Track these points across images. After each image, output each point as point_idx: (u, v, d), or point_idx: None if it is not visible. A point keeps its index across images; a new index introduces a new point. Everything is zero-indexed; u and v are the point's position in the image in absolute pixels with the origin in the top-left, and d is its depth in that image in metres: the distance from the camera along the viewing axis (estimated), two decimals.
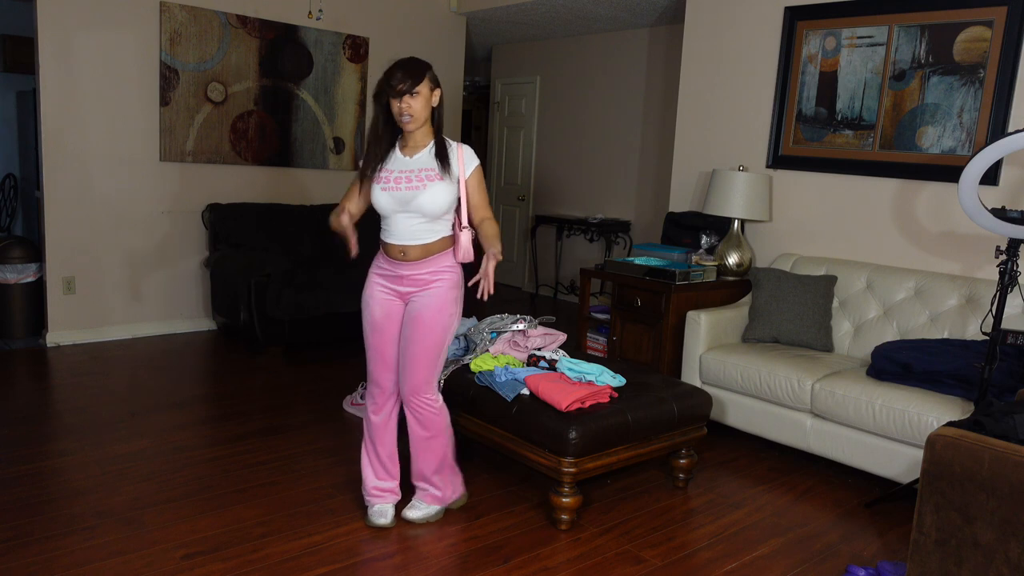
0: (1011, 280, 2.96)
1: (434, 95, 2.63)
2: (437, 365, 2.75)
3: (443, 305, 2.70)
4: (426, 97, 2.59)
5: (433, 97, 2.62)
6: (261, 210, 5.48)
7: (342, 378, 4.55)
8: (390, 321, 2.76)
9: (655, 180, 6.61)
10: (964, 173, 2.89)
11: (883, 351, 3.44)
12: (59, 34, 4.75)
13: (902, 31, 3.95)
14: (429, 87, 2.59)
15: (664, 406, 3.06)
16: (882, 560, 2.71)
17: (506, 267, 8.23)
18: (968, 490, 1.91)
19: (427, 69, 2.60)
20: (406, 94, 2.55)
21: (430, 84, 2.60)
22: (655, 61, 6.58)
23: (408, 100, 2.56)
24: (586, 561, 2.66)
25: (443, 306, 2.70)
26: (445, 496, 2.90)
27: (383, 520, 2.80)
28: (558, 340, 3.46)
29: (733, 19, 4.66)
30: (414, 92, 2.55)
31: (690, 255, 4.44)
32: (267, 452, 3.43)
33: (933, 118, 3.88)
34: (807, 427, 3.51)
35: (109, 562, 2.47)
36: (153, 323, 5.38)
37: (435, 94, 2.63)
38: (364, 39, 6.07)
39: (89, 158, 4.97)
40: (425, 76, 2.57)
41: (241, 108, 5.53)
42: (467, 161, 2.67)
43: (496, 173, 8.22)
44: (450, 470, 2.89)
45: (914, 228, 3.98)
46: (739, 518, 3.06)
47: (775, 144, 4.48)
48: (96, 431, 3.56)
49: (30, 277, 5.09)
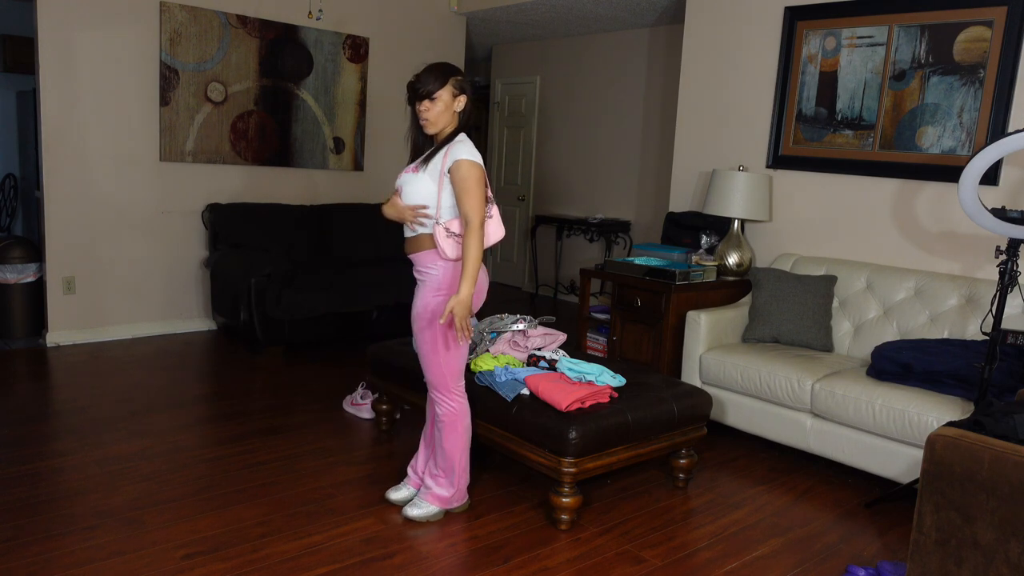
0: (1011, 280, 2.96)
1: (457, 101, 2.62)
2: (441, 364, 2.73)
3: (425, 304, 2.69)
4: (446, 103, 2.60)
5: (456, 103, 2.62)
6: (261, 210, 5.48)
7: (342, 378, 4.55)
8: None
9: (655, 180, 6.61)
10: (964, 173, 2.89)
11: (883, 351, 3.44)
12: (59, 34, 4.75)
13: (902, 31, 3.95)
14: (451, 93, 2.60)
15: (664, 406, 3.06)
16: (882, 560, 2.71)
17: (506, 267, 8.24)
18: (968, 490, 1.91)
19: (451, 75, 2.60)
20: (425, 99, 2.58)
21: (453, 90, 2.60)
22: (655, 61, 6.58)
23: (427, 104, 2.59)
24: (586, 561, 2.66)
25: (425, 306, 2.69)
26: (446, 498, 2.88)
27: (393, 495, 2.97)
28: (558, 340, 3.46)
29: (733, 19, 4.67)
30: (433, 97, 2.57)
31: (690, 255, 4.44)
32: (267, 452, 3.43)
33: (933, 118, 3.88)
34: (807, 427, 3.51)
35: (109, 562, 2.47)
36: (153, 323, 5.38)
37: (458, 100, 2.63)
38: (364, 39, 6.07)
39: (89, 158, 4.97)
40: (447, 82, 2.58)
41: (241, 108, 5.53)
42: (452, 154, 2.58)
43: (496, 173, 8.22)
44: (455, 473, 2.86)
45: (914, 228, 3.98)
46: (739, 518, 3.06)
47: (775, 144, 4.48)
48: (96, 431, 3.56)
49: (30, 277, 5.09)
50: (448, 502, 2.89)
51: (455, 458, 2.84)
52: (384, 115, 6.27)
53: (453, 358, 2.74)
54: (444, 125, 2.64)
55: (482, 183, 2.58)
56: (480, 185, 2.57)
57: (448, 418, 2.80)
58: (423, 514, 2.86)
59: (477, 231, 2.54)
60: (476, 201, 2.55)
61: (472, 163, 2.56)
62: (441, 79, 2.58)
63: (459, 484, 2.89)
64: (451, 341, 2.70)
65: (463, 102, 2.65)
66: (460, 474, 2.88)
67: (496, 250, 8.29)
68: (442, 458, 2.84)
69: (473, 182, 2.55)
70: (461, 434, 2.83)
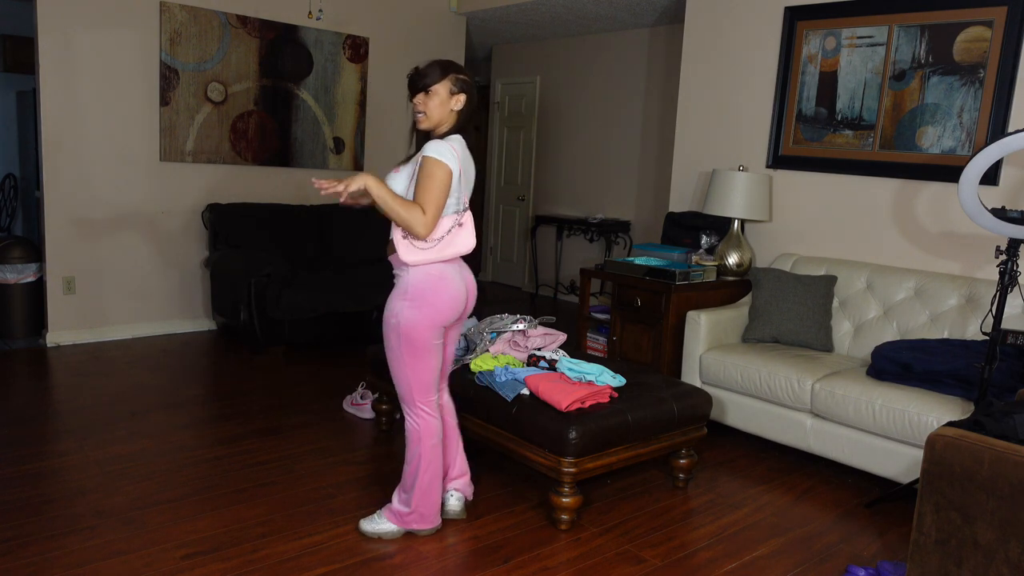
0: (1011, 280, 2.96)
1: (455, 99, 2.55)
2: (407, 376, 2.60)
3: (386, 313, 2.58)
4: (442, 98, 2.53)
5: (454, 101, 2.55)
6: (261, 210, 5.48)
7: (342, 378, 4.55)
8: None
9: (655, 180, 6.61)
10: (964, 173, 2.89)
11: (883, 351, 3.44)
12: (59, 34, 4.75)
13: (902, 31, 3.95)
14: (448, 89, 2.54)
15: (664, 406, 3.06)
16: (882, 560, 2.71)
17: (506, 267, 8.23)
18: (968, 490, 1.91)
19: (452, 72, 2.54)
20: (420, 91, 2.53)
21: (451, 87, 2.54)
22: (655, 61, 6.58)
23: (422, 97, 2.54)
24: (586, 561, 2.66)
25: (386, 315, 2.58)
26: (405, 519, 2.71)
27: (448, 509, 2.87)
28: (558, 340, 3.46)
29: (733, 19, 4.67)
30: (429, 90, 2.52)
31: (690, 255, 4.44)
32: (267, 452, 3.43)
33: (933, 118, 3.88)
34: (807, 427, 3.51)
35: (109, 562, 2.47)
36: (153, 323, 5.38)
37: (456, 98, 2.55)
38: (364, 39, 6.07)
39: (89, 158, 4.97)
40: (444, 78, 2.53)
41: (241, 108, 5.53)
42: (425, 150, 2.46)
43: (496, 173, 8.22)
44: (414, 492, 2.68)
45: (914, 228, 3.97)
46: (739, 518, 3.06)
47: (775, 144, 4.48)
48: (96, 431, 3.56)
49: (30, 277, 5.09)
50: (405, 522, 2.72)
51: (412, 476, 2.68)
52: (384, 115, 6.27)
53: (421, 370, 2.59)
54: (439, 121, 2.56)
55: (442, 184, 2.43)
56: (438, 186, 2.42)
57: (412, 434, 2.67)
58: (373, 529, 2.72)
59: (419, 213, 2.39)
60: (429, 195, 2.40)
61: (437, 161, 2.42)
62: (440, 74, 2.53)
63: (418, 505, 2.69)
64: (418, 352, 2.56)
65: (462, 101, 2.57)
66: (421, 495, 2.68)
67: (496, 250, 8.30)
68: (404, 474, 2.72)
69: (430, 180, 2.41)
70: (423, 454, 2.65)
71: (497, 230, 8.30)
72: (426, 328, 2.55)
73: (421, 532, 2.75)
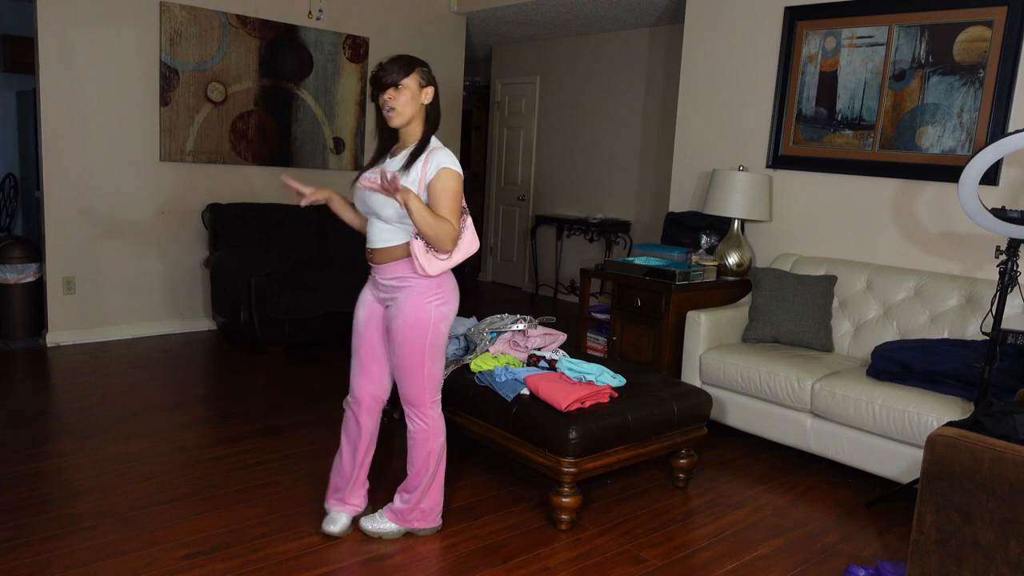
0: (1011, 280, 2.96)
1: (424, 92, 2.54)
2: (425, 378, 2.60)
3: (410, 315, 2.54)
4: (413, 92, 2.51)
5: (423, 95, 2.54)
6: (261, 210, 5.47)
7: (342, 378, 4.54)
8: (369, 326, 2.69)
9: (655, 180, 6.61)
10: (964, 173, 2.89)
11: (883, 351, 3.44)
12: (59, 34, 4.75)
13: (902, 31, 3.95)
14: (418, 83, 2.52)
15: (664, 406, 3.06)
16: (882, 560, 2.71)
17: (506, 267, 8.23)
18: (968, 490, 1.91)
19: (417, 65, 2.53)
20: (390, 87, 2.50)
21: (419, 80, 2.53)
22: (655, 61, 6.58)
23: (392, 93, 2.50)
24: (586, 561, 2.66)
25: (410, 317, 2.54)
26: (410, 519, 2.73)
27: (331, 527, 2.72)
28: (558, 340, 3.46)
29: (733, 19, 4.67)
30: (399, 85, 2.49)
31: (690, 255, 4.44)
32: (267, 452, 3.43)
33: (933, 118, 3.88)
34: (807, 427, 3.51)
35: (109, 562, 2.47)
36: (153, 323, 5.38)
37: (425, 92, 2.55)
38: (364, 39, 6.07)
39: (89, 158, 4.97)
40: (413, 71, 2.51)
41: (241, 108, 5.53)
42: (433, 163, 2.47)
43: (496, 173, 8.22)
44: (425, 494, 2.70)
45: (914, 228, 3.98)
46: (739, 518, 3.06)
47: (775, 144, 4.48)
48: (96, 431, 3.56)
49: (30, 277, 5.09)
50: (409, 522, 2.73)
51: (425, 480, 2.67)
52: None
53: (436, 369, 2.62)
54: (410, 116, 2.53)
55: (460, 194, 2.49)
56: (458, 198, 2.48)
57: (420, 436, 2.65)
58: (376, 529, 2.73)
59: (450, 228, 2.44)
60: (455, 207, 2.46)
61: (455, 173, 2.47)
62: (406, 68, 2.50)
63: (427, 506, 2.72)
64: (438, 349, 2.59)
65: (431, 94, 2.56)
66: (430, 496, 2.71)
67: (496, 250, 8.30)
68: (412, 475, 2.69)
69: (452, 194, 2.46)
70: (432, 454, 2.66)
71: (497, 230, 8.30)
72: (448, 324, 2.63)
73: (422, 532, 2.76)
